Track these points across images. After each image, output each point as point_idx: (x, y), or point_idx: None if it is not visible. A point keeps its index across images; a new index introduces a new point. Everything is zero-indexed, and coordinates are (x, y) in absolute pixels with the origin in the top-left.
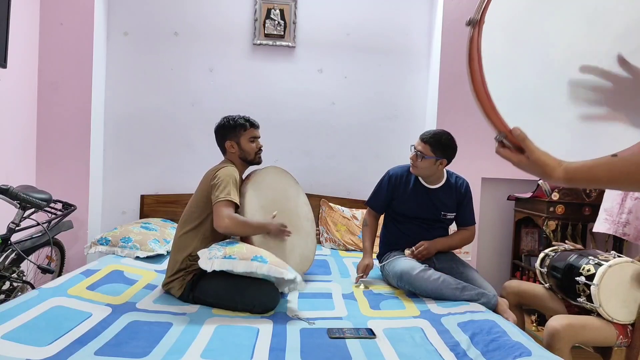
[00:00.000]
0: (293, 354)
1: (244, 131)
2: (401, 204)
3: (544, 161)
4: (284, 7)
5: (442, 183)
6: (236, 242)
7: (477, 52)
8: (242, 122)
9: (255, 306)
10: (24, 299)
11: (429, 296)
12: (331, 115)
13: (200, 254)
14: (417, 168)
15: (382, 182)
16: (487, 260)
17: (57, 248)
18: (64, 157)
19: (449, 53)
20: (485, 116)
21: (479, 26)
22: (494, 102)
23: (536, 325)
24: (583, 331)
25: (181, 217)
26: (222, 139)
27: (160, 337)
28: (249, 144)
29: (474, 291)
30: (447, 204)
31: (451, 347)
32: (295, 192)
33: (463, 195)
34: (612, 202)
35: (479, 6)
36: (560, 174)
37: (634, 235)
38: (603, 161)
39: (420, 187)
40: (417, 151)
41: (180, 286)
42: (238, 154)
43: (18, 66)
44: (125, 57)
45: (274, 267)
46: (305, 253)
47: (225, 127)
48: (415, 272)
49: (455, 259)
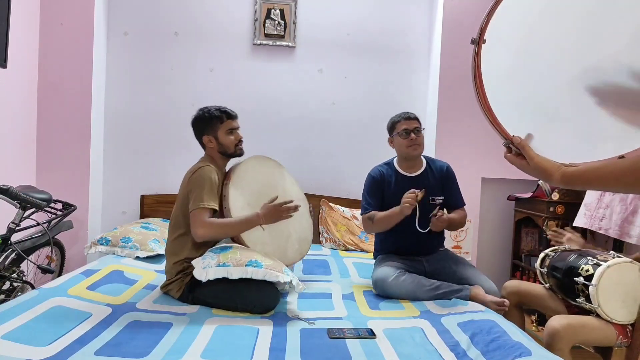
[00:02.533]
0: (293, 354)
1: (221, 124)
2: (389, 199)
3: (543, 166)
4: (284, 7)
5: (422, 169)
6: (230, 248)
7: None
8: (218, 114)
9: (256, 306)
10: (24, 299)
11: (405, 300)
12: (331, 115)
13: (195, 263)
14: (421, 145)
15: (366, 186)
16: (487, 260)
17: (57, 248)
18: (64, 157)
19: (449, 53)
20: (490, 125)
21: (478, 44)
22: (495, 114)
23: (536, 325)
24: (583, 331)
25: (170, 220)
26: (199, 133)
27: (160, 337)
28: (227, 136)
29: (447, 289)
30: (431, 189)
31: (451, 347)
32: (279, 176)
33: (446, 176)
34: (592, 197)
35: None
36: (558, 177)
37: (614, 229)
38: (596, 166)
39: (402, 179)
40: (415, 128)
41: (179, 288)
42: (217, 149)
43: (18, 66)
44: (125, 57)
45: (269, 271)
46: (303, 235)
47: (200, 120)
48: (390, 279)
49: (447, 258)
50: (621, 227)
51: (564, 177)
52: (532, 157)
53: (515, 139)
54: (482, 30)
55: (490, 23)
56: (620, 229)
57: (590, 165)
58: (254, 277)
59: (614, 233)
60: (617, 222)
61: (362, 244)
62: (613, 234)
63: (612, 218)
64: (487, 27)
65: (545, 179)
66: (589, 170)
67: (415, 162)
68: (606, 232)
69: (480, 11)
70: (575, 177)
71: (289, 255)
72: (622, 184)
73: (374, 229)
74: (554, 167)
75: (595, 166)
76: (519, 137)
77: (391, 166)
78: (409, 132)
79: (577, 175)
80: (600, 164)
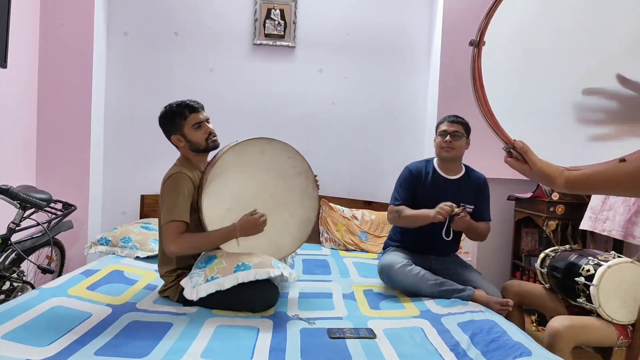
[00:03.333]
0: (293, 354)
1: (185, 120)
2: (422, 196)
3: (546, 171)
4: (284, 7)
5: (461, 174)
6: (214, 258)
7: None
8: (179, 110)
9: (256, 306)
10: (24, 299)
11: (407, 290)
12: (331, 115)
13: (183, 284)
14: (455, 149)
15: (402, 178)
16: (487, 260)
17: (57, 248)
18: (64, 157)
19: (449, 53)
20: (491, 130)
21: (478, 47)
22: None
23: (536, 325)
24: (584, 332)
25: (158, 227)
26: (167, 134)
27: (160, 337)
28: (195, 132)
29: (451, 287)
30: (466, 196)
31: (451, 347)
32: (269, 158)
33: (482, 188)
34: (597, 200)
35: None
36: (561, 182)
37: (617, 231)
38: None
39: (439, 178)
40: (451, 132)
41: (175, 294)
42: (188, 147)
43: (18, 66)
44: (125, 57)
45: (259, 269)
46: (304, 216)
47: (164, 119)
48: (396, 267)
49: (455, 261)
50: (625, 228)
51: (567, 182)
52: (535, 162)
53: (517, 144)
54: (481, 32)
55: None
56: (624, 230)
57: (593, 169)
58: (245, 281)
59: (618, 234)
60: (620, 223)
61: (362, 244)
62: (617, 235)
63: (615, 219)
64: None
65: (549, 184)
66: (592, 175)
67: (453, 165)
68: (610, 234)
69: (481, 11)
70: (578, 181)
71: (285, 247)
72: (625, 188)
73: (399, 222)
74: (557, 172)
75: (597, 170)
76: (521, 142)
77: (430, 164)
78: (446, 134)
79: (581, 180)
80: (603, 168)
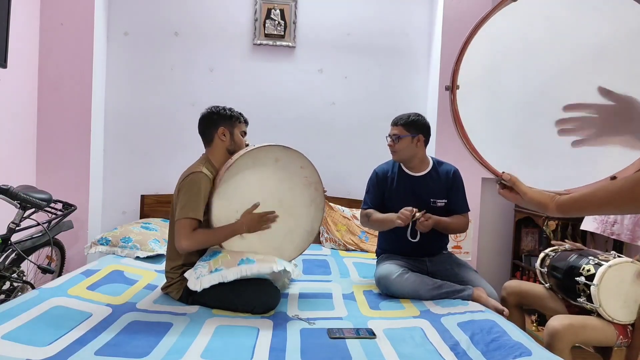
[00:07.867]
0: (293, 354)
1: (239, 123)
2: (390, 197)
3: (537, 199)
4: (284, 7)
5: (427, 170)
6: (219, 252)
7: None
8: (238, 114)
9: (256, 307)
10: (24, 299)
11: (407, 298)
12: (331, 115)
13: (187, 275)
14: (397, 152)
15: (369, 182)
16: (487, 260)
17: (57, 248)
18: (64, 157)
19: (449, 53)
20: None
21: (452, 91)
22: (481, 154)
23: (536, 325)
24: (583, 331)
25: (169, 223)
26: (213, 125)
27: (160, 337)
28: (241, 137)
29: (450, 288)
30: (434, 191)
31: (451, 346)
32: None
33: (452, 181)
34: None
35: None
36: (553, 208)
37: (625, 234)
38: (587, 192)
39: (405, 177)
40: (391, 135)
41: (178, 291)
42: (228, 144)
43: (18, 66)
44: (125, 57)
45: (262, 264)
46: (309, 227)
47: (219, 114)
48: (393, 276)
49: (451, 260)
50: (633, 232)
51: (559, 207)
52: (525, 192)
53: (505, 176)
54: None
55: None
56: (632, 233)
57: (582, 191)
58: (248, 274)
59: (626, 237)
60: (628, 227)
61: (362, 244)
62: (625, 238)
63: (623, 223)
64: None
65: (541, 210)
66: (582, 197)
67: (413, 162)
68: (618, 237)
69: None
70: (569, 205)
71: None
72: (614, 207)
73: (369, 226)
74: (547, 198)
75: (586, 192)
76: (509, 174)
77: (397, 164)
78: (388, 138)
79: (571, 203)
80: (591, 190)
